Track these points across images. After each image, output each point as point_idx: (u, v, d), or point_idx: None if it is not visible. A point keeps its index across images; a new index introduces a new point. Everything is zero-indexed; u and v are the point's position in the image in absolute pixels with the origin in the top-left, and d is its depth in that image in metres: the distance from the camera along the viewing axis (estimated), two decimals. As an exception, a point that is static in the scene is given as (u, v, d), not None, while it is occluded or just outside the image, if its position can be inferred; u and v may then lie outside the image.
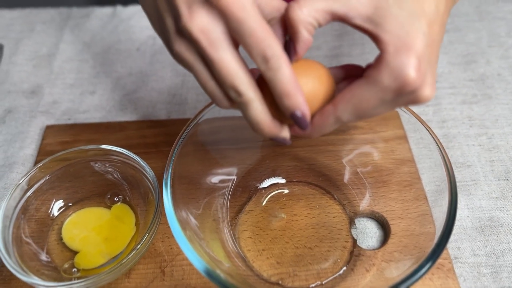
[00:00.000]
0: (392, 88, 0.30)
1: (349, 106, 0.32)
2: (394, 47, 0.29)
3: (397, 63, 0.29)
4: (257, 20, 0.29)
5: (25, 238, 0.44)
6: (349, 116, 0.32)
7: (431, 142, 0.42)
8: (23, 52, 0.69)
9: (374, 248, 0.46)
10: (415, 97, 0.31)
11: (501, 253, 0.46)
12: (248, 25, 0.29)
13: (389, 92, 0.30)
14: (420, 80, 0.29)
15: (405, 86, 0.29)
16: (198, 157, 0.46)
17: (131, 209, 0.48)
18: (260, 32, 0.29)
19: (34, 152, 0.56)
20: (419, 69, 0.29)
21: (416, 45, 0.29)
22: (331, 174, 0.50)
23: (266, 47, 0.29)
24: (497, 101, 0.60)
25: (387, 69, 0.29)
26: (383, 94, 0.30)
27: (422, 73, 0.29)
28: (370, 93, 0.31)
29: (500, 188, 0.51)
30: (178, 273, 0.44)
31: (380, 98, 0.31)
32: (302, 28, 0.31)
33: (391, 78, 0.29)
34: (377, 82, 0.30)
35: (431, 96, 0.31)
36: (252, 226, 0.47)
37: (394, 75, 0.29)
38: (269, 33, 0.29)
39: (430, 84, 0.31)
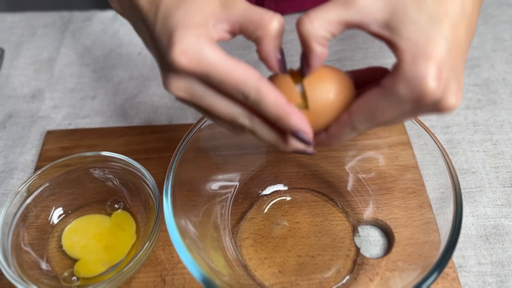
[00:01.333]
0: (409, 99, 0.28)
1: (364, 116, 0.30)
2: (411, 55, 0.27)
3: (414, 73, 0.27)
4: (220, 65, 0.29)
5: (24, 247, 0.44)
6: (365, 126, 0.31)
7: (435, 148, 0.42)
8: (24, 56, 0.69)
9: (378, 256, 0.45)
10: (438, 107, 0.29)
11: (507, 261, 0.45)
12: (215, 75, 0.29)
13: (406, 104, 0.29)
14: (441, 90, 0.27)
15: (424, 98, 0.28)
16: (199, 163, 0.46)
17: (131, 216, 0.48)
18: (229, 76, 0.29)
19: (34, 157, 0.55)
20: (439, 78, 0.27)
21: (436, 52, 0.27)
22: (334, 180, 0.50)
23: (240, 86, 0.29)
24: (502, 106, 0.59)
25: (403, 79, 0.28)
26: (400, 105, 0.29)
27: (443, 82, 0.27)
28: (386, 103, 0.29)
29: (505, 195, 0.50)
30: (179, 281, 0.44)
31: (396, 109, 0.29)
32: (315, 43, 0.29)
33: (407, 89, 0.28)
34: (393, 92, 0.28)
35: (456, 105, 0.29)
36: (254, 234, 0.47)
37: (411, 86, 0.28)
38: (238, 70, 0.29)
39: (455, 93, 0.28)
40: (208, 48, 0.29)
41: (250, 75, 0.29)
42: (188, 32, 0.29)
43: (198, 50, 0.29)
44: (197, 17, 0.29)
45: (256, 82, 0.29)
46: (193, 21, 0.29)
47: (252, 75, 0.29)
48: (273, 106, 0.30)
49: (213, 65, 0.29)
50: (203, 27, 0.29)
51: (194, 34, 0.29)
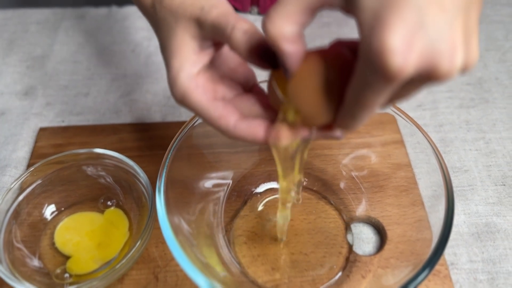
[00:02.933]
0: (378, 81, 0.23)
1: (356, 105, 0.26)
2: (368, 28, 0.22)
3: (371, 50, 0.22)
4: (200, 111, 0.32)
5: (17, 244, 0.44)
6: (362, 113, 0.27)
7: (427, 146, 0.42)
8: (17, 53, 0.68)
9: (370, 254, 0.45)
10: (429, 78, 0.23)
11: (498, 259, 0.46)
12: (199, 115, 0.33)
13: (378, 86, 0.23)
14: (415, 61, 0.22)
15: (392, 77, 0.22)
16: (192, 161, 0.46)
17: (124, 214, 0.47)
18: (209, 120, 0.32)
19: (27, 154, 0.55)
20: (409, 48, 0.22)
21: (397, 17, 0.21)
22: (327, 178, 0.50)
23: (219, 129, 0.32)
24: (494, 105, 0.59)
25: (363, 60, 0.23)
26: (376, 89, 0.24)
27: (418, 51, 0.22)
28: (363, 89, 0.24)
29: (497, 194, 0.51)
30: (171, 279, 0.44)
31: (376, 92, 0.24)
32: (283, 43, 0.27)
33: (371, 71, 0.23)
34: (362, 77, 0.24)
35: (453, 68, 0.23)
36: (247, 232, 0.47)
37: (372, 67, 0.23)
38: (214, 118, 0.32)
39: (448, 54, 0.22)
40: (191, 93, 0.32)
41: (225, 123, 0.32)
42: (173, 74, 0.32)
43: (183, 96, 0.32)
44: (179, 60, 0.32)
45: (232, 131, 0.32)
46: (178, 65, 0.32)
47: (227, 122, 0.32)
48: (253, 142, 0.32)
49: (195, 108, 0.32)
50: (186, 69, 0.32)
51: (180, 80, 0.32)
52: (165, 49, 0.33)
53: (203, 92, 0.32)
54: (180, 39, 0.32)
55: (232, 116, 0.32)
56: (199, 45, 0.32)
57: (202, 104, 0.32)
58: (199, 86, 0.32)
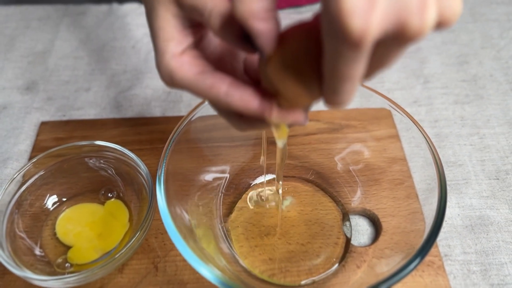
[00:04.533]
0: (343, 48, 0.21)
1: (334, 79, 0.24)
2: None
3: (328, 15, 0.20)
4: (190, 86, 0.30)
5: (19, 233, 0.44)
6: (342, 86, 0.24)
7: (422, 141, 0.43)
8: (19, 48, 0.69)
9: (366, 245, 0.46)
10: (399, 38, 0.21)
11: (491, 251, 0.47)
12: (190, 91, 0.31)
13: (346, 52, 0.21)
14: (380, 20, 0.20)
15: (353, 42, 0.20)
16: (191, 154, 0.46)
17: (124, 205, 0.48)
18: (200, 92, 0.30)
19: (28, 148, 0.56)
20: (368, 10, 0.19)
21: None
22: (323, 171, 0.51)
23: (212, 100, 0.31)
24: (489, 102, 0.60)
25: (324, 27, 0.21)
26: (345, 56, 0.21)
27: (380, 12, 0.19)
28: (335, 59, 0.22)
29: (490, 187, 0.51)
30: (171, 268, 0.45)
31: (347, 60, 0.22)
32: (252, 22, 0.25)
33: (333, 38, 0.21)
34: (328, 47, 0.22)
35: (425, 25, 0.20)
36: (245, 223, 0.48)
37: (332, 33, 0.20)
38: (205, 88, 0.30)
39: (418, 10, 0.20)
40: (177, 71, 0.30)
41: (216, 91, 0.30)
42: (158, 57, 0.31)
43: (170, 75, 0.31)
44: (163, 40, 0.31)
45: (224, 97, 0.30)
46: (163, 46, 0.31)
47: (218, 90, 0.30)
48: (246, 112, 0.30)
49: (184, 85, 0.31)
50: (170, 49, 0.31)
51: (165, 62, 0.31)
52: (151, 30, 0.32)
53: (189, 68, 0.31)
54: (162, 19, 0.31)
55: (223, 83, 0.30)
56: (181, 24, 0.31)
57: (190, 79, 0.30)
58: (185, 63, 0.31)
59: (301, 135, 0.54)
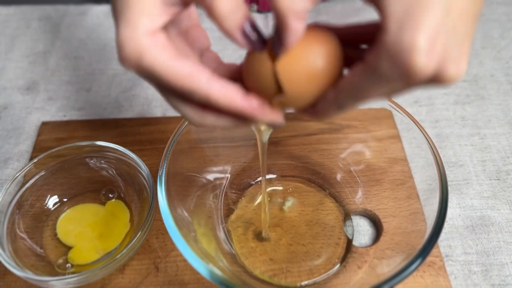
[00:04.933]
0: (396, 78, 0.23)
1: (351, 97, 0.26)
2: (397, 22, 0.22)
3: (398, 46, 0.22)
4: (163, 72, 0.26)
5: (20, 233, 0.44)
6: (353, 105, 0.27)
7: (423, 141, 0.42)
8: (19, 48, 0.69)
9: (367, 245, 0.46)
10: (434, 81, 0.24)
11: (492, 251, 0.47)
12: (160, 80, 0.27)
13: (393, 82, 0.24)
14: (435, 62, 0.22)
15: (413, 76, 0.23)
16: (192, 154, 0.46)
17: (125, 206, 0.48)
18: (174, 82, 0.27)
19: (29, 148, 0.56)
20: (432, 49, 0.22)
21: (428, 16, 0.22)
22: (324, 172, 0.51)
23: (188, 92, 0.27)
24: (490, 102, 0.60)
25: (386, 54, 0.23)
26: (387, 84, 0.24)
27: (437, 53, 0.22)
28: (371, 83, 0.25)
29: (491, 188, 0.51)
30: (172, 269, 0.45)
31: (384, 88, 0.25)
32: (292, 19, 0.25)
33: (392, 66, 0.23)
34: (376, 70, 0.24)
35: (457, 76, 0.24)
36: (246, 223, 0.48)
37: (395, 62, 0.23)
38: (183, 75, 0.26)
39: (455, 61, 0.23)
40: (149, 51, 0.26)
41: (197, 80, 0.27)
42: (126, 31, 0.26)
43: (140, 55, 0.26)
44: (136, 12, 0.26)
45: (204, 88, 0.27)
46: (137, 17, 0.26)
47: (199, 79, 0.27)
48: (227, 107, 0.27)
49: (154, 70, 0.27)
50: (143, 24, 0.26)
51: (137, 34, 0.26)
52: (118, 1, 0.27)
53: (163, 49, 0.27)
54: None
55: (203, 73, 0.27)
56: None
57: (166, 63, 0.26)
58: (159, 43, 0.27)
59: (302, 135, 0.54)
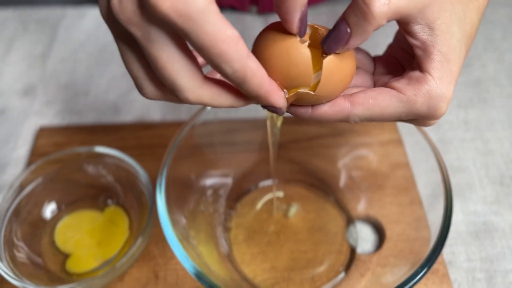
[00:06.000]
0: (422, 114, 0.27)
1: (368, 113, 0.28)
2: (441, 71, 0.26)
3: (437, 92, 0.26)
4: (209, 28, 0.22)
5: (17, 242, 0.44)
6: (362, 119, 0.29)
7: (426, 146, 0.42)
8: (17, 51, 0.68)
9: (369, 252, 0.45)
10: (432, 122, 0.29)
11: (496, 258, 0.46)
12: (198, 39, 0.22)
13: (416, 115, 0.28)
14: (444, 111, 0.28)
15: (434, 117, 0.28)
16: (192, 160, 0.46)
17: (124, 212, 0.48)
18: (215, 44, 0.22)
19: (27, 153, 0.55)
20: (449, 101, 0.27)
21: (456, 72, 0.26)
22: (326, 177, 0.50)
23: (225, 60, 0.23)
24: (493, 105, 0.60)
25: (426, 96, 0.27)
26: (409, 114, 0.28)
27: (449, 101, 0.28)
28: (397, 109, 0.28)
29: (495, 193, 0.51)
30: (172, 277, 0.44)
31: (403, 115, 0.28)
32: (375, 23, 0.25)
33: (426, 106, 0.27)
34: (410, 104, 0.27)
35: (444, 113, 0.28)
36: (247, 230, 0.47)
37: (431, 104, 0.27)
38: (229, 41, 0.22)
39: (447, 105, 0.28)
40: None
41: (240, 51, 0.23)
42: None
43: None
44: None
45: (244, 61, 0.23)
46: None
47: (241, 51, 0.23)
48: (255, 89, 0.25)
49: (201, 25, 0.21)
50: None
51: None
52: None
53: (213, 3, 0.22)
54: None
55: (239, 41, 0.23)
56: None
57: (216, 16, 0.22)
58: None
59: (303, 139, 0.53)
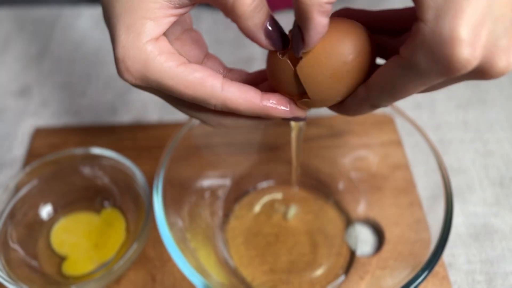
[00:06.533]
0: (435, 73, 0.21)
1: (384, 94, 0.24)
2: (435, 11, 0.20)
3: (437, 37, 0.20)
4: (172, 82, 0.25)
5: (12, 244, 0.43)
6: (388, 102, 0.25)
7: (426, 147, 0.42)
8: (12, 51, 0.68)
9: (369, 254, 0.45)
10: (482, 74, 0.22)
11: (496, 260, 0.46)
12: (168, 90, 0.25)
13: (432, 77, 0.22)
14: (480, 54, 0.20)
15: (455, 70, 0.21)
16: (190, 161, 0.45)
17: (121, 214, 0.47)
18: (185, 91, 0.25)
19: (22, 154, 0.55)
20: (476, 40, 0.20)
21: (470, 3, 0.20)
22: (325, 179, 0.50)
23: (202, 100, 0.25)
24: (492, 106, 0.59)
25: (423, 46, 0.21)
26: (425, 80, 0.22)
27: (482, 44, 0.20)
28: (407, 78, 0.23)
29: (495, 194, 0.51)
30: (169, 280, 0.44)
31: (422, 83, 0.23)
32: (316, 13, 0.23)
33: (430, 60, 0.21)
34: (413, 65, 0.22)
35: (508, 67, 0.21)
36: (245, 232, 0.46)
37: (434, 56, 0.21)
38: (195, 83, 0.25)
39: (506, 51, 0.21)
40: (155, 60, 0.24)
41: (210, 89, 0.25)
42: (128, 38, 0.24)
43: (145, 65, 0.24)
44: (139, 16, 0.24)
45: (219, 95, 0.25)
46: (140, 22, 0.24)
47: (212, 88, 0.25)
48: (247, 110, 0.26)
49: (163, 80, 0.25)
50: (148, 30, 0.24)
51: (141, 42, 0.24)
52: (117, 2, 0.25)
53: (171, 58, 0.25)
54: None
55: (216, 77, 0.25)
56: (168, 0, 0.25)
57: (173, 71, 0.24)
58: (164, 49, 0.25)
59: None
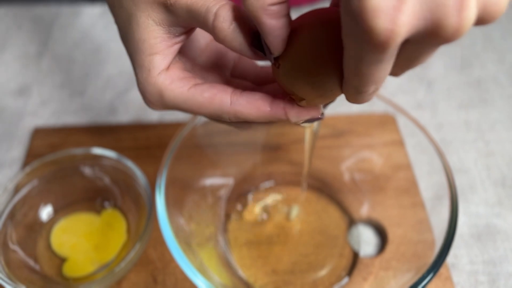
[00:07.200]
0: (371, 50, 0.19)
1: (360, 81, 0.22)
2: None
3: (349, 9, 0.18)
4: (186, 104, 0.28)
5: (12, 246, 0.43)
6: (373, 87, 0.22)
7: (429, 147, 0.41)
8: (11, 50, 0.67)
9: (372, 255, 0.45)
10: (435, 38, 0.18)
11: (498, 260, 0.45)
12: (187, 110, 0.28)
13: (375, 56, 0.19)
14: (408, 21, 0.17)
15: (382, 44, 0.18)
16: (192, 161, 0.45)
17: (122, 215, 0.47)
18: (199, 110, 0.28)
19: (22, 154, 0.54)
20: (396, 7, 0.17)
21: None
22: (327, 179, 0.50)
23: (215, 115, 0.28)
24: (493, 105, 0.59)
25: (344, 24, 0.19)
26: (372, 60, 0.20)
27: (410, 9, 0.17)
28: (359, 62, 0.20)
29: (497, 195, 0.50)
30: (170, 281, 0.43)
31: (378, 65, 0.20)
32: (264, 17, 0.22)
33: (354, 37, 0.19)
34: (349, 46, 0.20)
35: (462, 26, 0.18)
36: (247, 233, 0.46)
37: (354, 32, 0.19)
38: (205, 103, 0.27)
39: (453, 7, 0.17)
40: (168, 89, 0.28)
41: (219, 106, 0.27)
42: (143, 76, 0.28)
43: (161, 95, 0.28)
44: (147, 54, 0.27)
45: (229, 110, 0.27)
46: (148, 59, 0.28)
47: (221, 104, 0.27)
48: (258, 119, 0.27)
49: (178, 104, 0.28)
50: (156, 64, 0.28)
51: (153, 77, 0.28)
52: (128, 42, 0.28)
53: (180, 83, 0.28)
54: (144, 29, 0.27)
55: (224, 93, 0.27)
56: (167, 32, 0.27)
57: (185, 96, 0.27)
58: (175, 78, 0.28)
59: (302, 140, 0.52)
